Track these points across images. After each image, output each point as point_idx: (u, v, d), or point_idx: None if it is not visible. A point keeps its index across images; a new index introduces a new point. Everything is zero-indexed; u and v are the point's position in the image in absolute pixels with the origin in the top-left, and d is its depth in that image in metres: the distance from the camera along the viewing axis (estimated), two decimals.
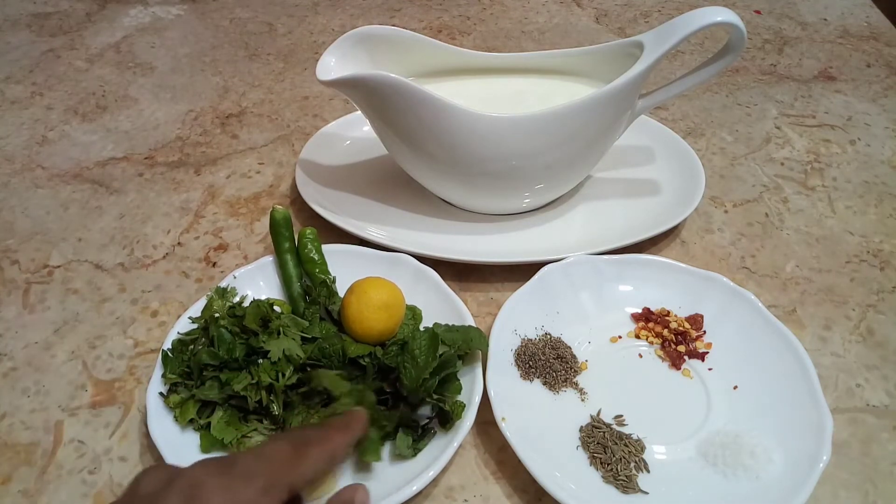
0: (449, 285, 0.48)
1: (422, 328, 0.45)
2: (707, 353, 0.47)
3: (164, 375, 0.42)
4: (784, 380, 0.43)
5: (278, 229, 0.50)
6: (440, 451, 0.39)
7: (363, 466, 0.40)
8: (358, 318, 0.44)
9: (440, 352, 0.41)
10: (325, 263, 0.49)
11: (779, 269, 0.55)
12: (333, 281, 0.48)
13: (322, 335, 0.44)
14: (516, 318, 0.47)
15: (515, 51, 0.77)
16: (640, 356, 0.47)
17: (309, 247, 0.49)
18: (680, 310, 0.49)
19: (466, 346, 0.42)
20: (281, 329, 0.43)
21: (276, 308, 0.45)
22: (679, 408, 0.44)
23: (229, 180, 0.63)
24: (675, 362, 0.46)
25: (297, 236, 0.50)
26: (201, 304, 0.46)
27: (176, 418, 0.41)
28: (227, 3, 0.93)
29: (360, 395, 0.41)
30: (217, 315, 0.45)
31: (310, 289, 0.48)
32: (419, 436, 0.41)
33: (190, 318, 0.46)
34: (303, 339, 0.43)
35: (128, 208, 0.60)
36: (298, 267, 0.49)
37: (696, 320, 0.48)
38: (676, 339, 0.47)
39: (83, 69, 0.79)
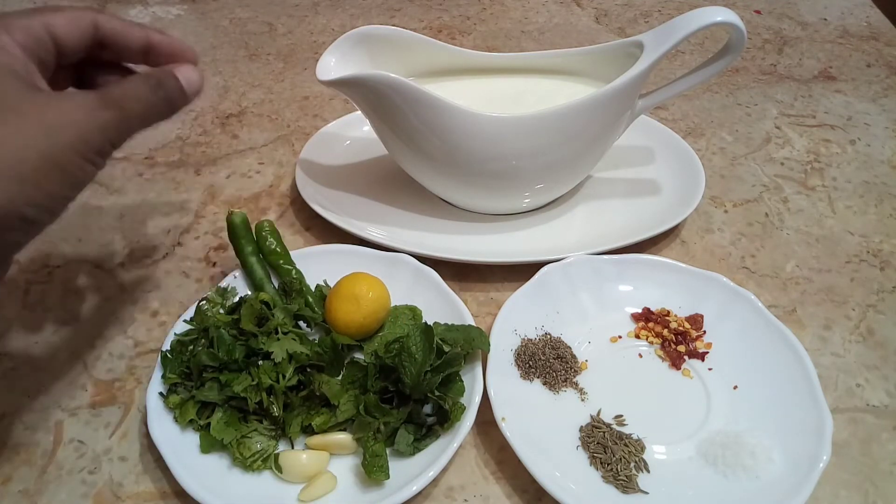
0: (449, 285, 0.48)
1: None
2: (707, 353, 0.47)
3: (163, 376, 0.42)
4: (784, 380, 0.43)
5: (238, 233, 0.49)
6: (440, 451, 0.39)
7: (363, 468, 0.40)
8: (329, 309, 0.45)
9: (445, 350, 0.41)
10: (287, 254, 0.50)
11: (779, 269, 0.55)
12: (301, 276, 0.49)
13: (312, 315, 0.46)
14: (516, 318, 0.47)
15: (515, 51, 0.77)
16: (640, 356, 0.47)
17: (269, 239, 0.50)
18: (680, 310, 0.49)
19: (468, 345, 0.42)
20: (279, 328, 0.43)
21: (267, 301, 0.45)
22: (679, 408, 0.44)
23: (229, 180, 0.63)
24: (675, 362, 0.46)
25: (255, 230, 0.50)
26: None
27: (176, 419, 0.41)
28: (227, 3, 0.92)
29: (358, 400, 0.41)
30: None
31: (283, 285, 0.48)
32: (422, 435, 0.41)
33: (187, 319, 0.46)
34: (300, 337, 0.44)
35: (128, 208, 0.60)
36: (265, 268, 0.49)
37: (696, 320, 0.48)
38: (676, 339, 0.47)
39: None
